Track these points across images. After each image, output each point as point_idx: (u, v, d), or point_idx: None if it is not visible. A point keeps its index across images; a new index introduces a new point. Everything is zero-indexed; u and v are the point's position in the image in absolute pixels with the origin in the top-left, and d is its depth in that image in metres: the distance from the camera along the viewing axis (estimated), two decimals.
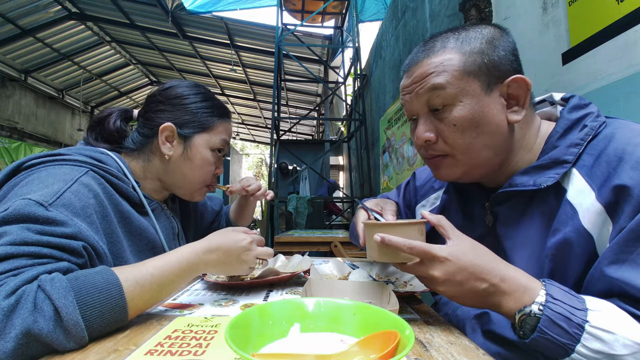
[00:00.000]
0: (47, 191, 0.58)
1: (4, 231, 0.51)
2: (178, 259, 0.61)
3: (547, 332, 0.44)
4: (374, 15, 5.18)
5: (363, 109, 4.73)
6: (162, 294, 0.59)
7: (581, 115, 0.57)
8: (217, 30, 6.94)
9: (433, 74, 0.58)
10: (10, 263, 0.49)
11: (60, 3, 6.46)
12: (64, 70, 8.41)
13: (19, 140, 7.82)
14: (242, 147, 24.02)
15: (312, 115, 10.03)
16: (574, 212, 0.52)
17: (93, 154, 0.73)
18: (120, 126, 0.84)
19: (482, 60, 0.56)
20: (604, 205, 0.50)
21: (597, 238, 0.51)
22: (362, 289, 0.66)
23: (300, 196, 4.81)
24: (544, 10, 1.31)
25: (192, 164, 0.82)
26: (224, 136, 0.87)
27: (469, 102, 0.56)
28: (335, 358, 0.35)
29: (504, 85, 0.57)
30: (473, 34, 0.58)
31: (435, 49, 0.59)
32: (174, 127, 0.80)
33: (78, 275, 0.51)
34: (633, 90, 0.95)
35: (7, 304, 0.44)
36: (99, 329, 0.50)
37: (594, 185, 0.51)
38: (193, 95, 0.84)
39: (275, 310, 0.42)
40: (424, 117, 0.61)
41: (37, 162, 0.66)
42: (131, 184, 0.77)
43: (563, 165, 0.55)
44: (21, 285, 0.47)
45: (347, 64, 5.91)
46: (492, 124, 0.57)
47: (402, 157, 3.30)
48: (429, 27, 2.54)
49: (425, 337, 0.53)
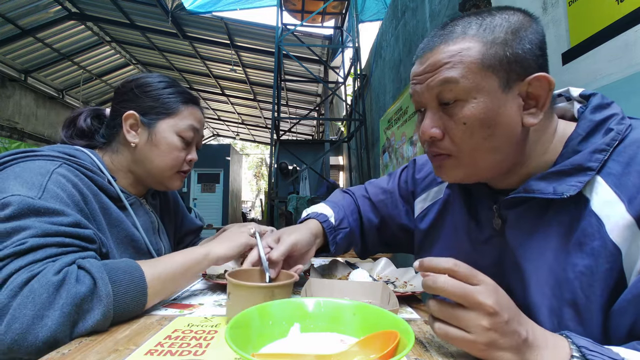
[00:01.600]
0: (30, 186, 0.60)
1: (20, 225, 0.55)
2: (194, 258, 0.68)
3: None
4: (375, 15, 5.18)
5: (363, 109, 4.73)
6: (175, 285, 0.66)
7: (605, 116, 0.52)
8: (217, 30, 6.94)
9: (448, 64, 0.51)
10: (44, 252, 0.54)
11: (60, 3, 6.46)
12: (64, 70, 8.41)
13: (19, 140, 7.81)
14: (242, 147, 24.02)
15: (312, 115, 10.02)
16: (600, 225, 0.48)
17: (66, 150, 0.74)
18: (90, 124, 0.86)
19: (504, 53, 0.50)
20: (636, 217, 0.45)
21: (625, 253, 0.46)
22: (362, 289, 0.66)
23: (300, 196, 4.82)
24: (544, 10, 1.31)
25: (158, 149, 0.82)
26: (191, 121, 0.85)
27: (483, 99, 0.51)
28: (335, 358, 0.35)
29: (524, 83, 0.51)
30: (499, 20, 0.51)
31: (454, 35, 0.52)
32: (136, 114, 0.81)
33: (106, 262, 0.59)
34: (633, 90, 0.95)
35: (57, 279, 0.51)
36: (123, 306, 0.56)
37: (623, 196, 0.47)
38: (156, 82, 0.84)
39: (275, 310, 0.42)
40: (432, 111, 0.55)
41: (9, 159, 0.67)
42: (107, 177, 0.78)
43: (587, 172, 0.49)
44: (65, 266, 0.54)
45: (347, 64, 5.91)
46: (506, 125, 0.51)
47: (401, 157, 3.31)
48: (429, 27, 2.54)
49: (425, 337, 0.53)
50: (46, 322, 0.48)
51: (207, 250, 0.70)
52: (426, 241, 0.79)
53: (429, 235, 0.78)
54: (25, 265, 0.52)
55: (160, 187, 0.88)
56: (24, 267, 0.51)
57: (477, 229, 0.65)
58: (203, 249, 0.70)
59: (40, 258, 0.53)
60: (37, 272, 0.51)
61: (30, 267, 0.52)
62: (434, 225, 0.77)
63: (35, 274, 0.51)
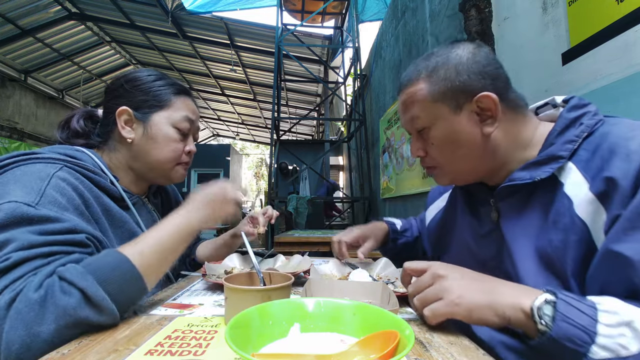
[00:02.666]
0: (28, 191, 0.59)
1: (7, 238, 0.53)
2: (176, 224, 0.66)
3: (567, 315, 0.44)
4: (375, 15, 5.17)
5: (363, 109, 4.73)
6: (168, 258, 0.64)
7: (579, 114, 0.60)
8: (217, 31, 6.94)
9: (410, 105, 0.68)
10: (28, 265, 0.52)
11: (60, 3, 6.47)
12: (64, 71, 8.42)
13: (18, 140, 7.82)
14: (242, 147, 24.02)
15: (312, 115, 10.03)
16: (570, 203, 0.55)
17: (66, 151, 0.73)
18: (83, 125, 0.85)
19: (446, 86, 0.63)
20: (596, 194, 0.52)
21: (592, 226, 0.53)
22: (362, 289, 0.66)
23: (300, 196, 4.81)
24: (544, 10, 1.31)
25: (154, 142, 0.81)
26: (185, 112, 0.84)
27: (441, 124, 0.65)
28: (335, 358, 0.35)
29: (472, 102, 0.63)
30: (441, 61, 0.65)
31: (412, 78, 0.68)
32: (129, 110, 0.80)
33: (89, 262, 0.55)
34: (633, 90, 0.95)
35: (38, 295, 0.49)
36: (125, 302, 0.55)
37: (588, 177, 0.54)
38: (145, 76, 0.84)
39: (275, 310, 0.42)
40: (414, 137, 0.72)
41: (9, 162, 0.65)
42: (109, 178, 0.77)
43: (558, 160, 0.58)
44: (44, 279, 0.51)
45: (347, 64, 5.91)
46: (466, 138, 0.64)
47: (401, 157, 3.31)
48: (429, 27, 2.54)
49: (425, 337, 0.53)
50: (44, 338, 0.48)
51: (195, 223, 0.68)
52: (441, 242, 0.87)
53: (442, 237, 0.86)
54: (9, 284, 0.50)
55: (164, 181, 0.87)
56: (8, 287, 0.50)
57: (478, 224, 0.73)
58: (192, 222, 0.68)
59: (23, 273, 0.51)
60: (19, 290, 0.49)
61: (12, 286, 0.50)
62: (443, 226, 0.86)
63: (17, 293, 0.49)
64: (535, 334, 0.47)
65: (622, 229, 0.48)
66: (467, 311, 0.51)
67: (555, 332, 0.44)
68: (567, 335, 0.44)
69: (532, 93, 1.38)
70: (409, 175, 3.07)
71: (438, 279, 0.55)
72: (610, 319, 0.44)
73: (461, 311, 0.52)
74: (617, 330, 0.43)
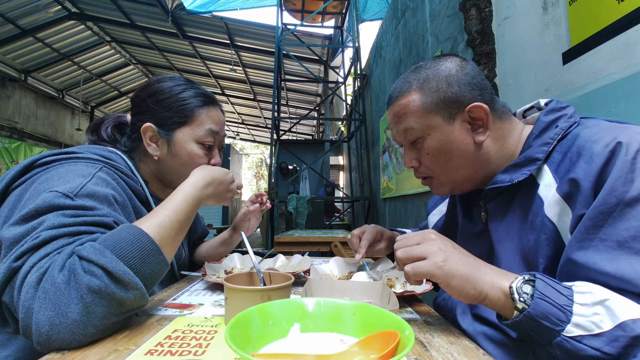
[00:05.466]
0: (70, 185, 0.60)
1: (41, 220, 0.55)
2: (185, 198, 0.67)
3: (544, 294, 0.46)
4: (377, 14, 5.15)
5: (363, 108, 4.73)
6: (182, 230, 0.65)
7: (556, 117, 0.62)
8: (217, 30, 6.93)
9: (403, 116, 0.68)
10: (55, 244, 0.52)
11: (60, 3, 6.46)
12: (64, 70, 8.41)
13: (19, 140, 7.82)
14: (242, 147, 24.02)
15: (312, 115, 10.02)
16: (541, 204, 0.58)
17: (103, 153, 0.75)
18: (111, 133, 0.86)
19: (439, 97, 0.65)
20: (562, 195, 0.55)
21: (560, 226, 0.55)
22: (362, 289, 0.66)
23: (300, 196, 4.81)
24: (544, 9, 1.31)
25: (180, 160, 0.81)
26: (209, 125, 0.83)
27: (435, 134, 0.66)
28: (335, 358, 0.35)
29: (464, 113, 0.65)
30: (431, 73, 0.67)
31: (403, 90, 0.69)
32: (154, 127, 0.80)
33: (106, 237, 0.54)
34: (634, 89, 0.95)
35: (63, 276, 0.49)
36: (150, 276, 0.55)
37: (557, 178, 0.57)
38: (168, 89, 0.82)
39: (275, 310, 0.42)
40: (407, 148, 0.72)
41: (52, 160, 0.68)
42: (139, 182, 0.79)
43: (535, 162, 0.60)
44: (66, 259, 0.51)
45: (347, 64, 5.91)
46: (459, 147, 0.66)
47: (401, 157, 3.31)
48: (429, 26, 2.54)
49: (425, 337, 0.53)
50: (74, 318, 0.47)
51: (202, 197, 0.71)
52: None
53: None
54: (37, 262, 0.50)
55: None
56: (36, 264, 0.50)
57: (470, 225, 0.76)
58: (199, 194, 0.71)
59: (49, 252, 0.51)
60: (45, 269, 0.49)
61: (39, 264, 0.50)
62: (446, 230, 0.87)
63: (43, 272, 0.49)
64: (511, 313, 0.49)
65: (585, 228, 0.50)
66: (447, 276, 0.53)
67: (533, 309, 0.46)
68: (544, 313, 0.46)
69: (532, 93, 1.38)
70: (409, 175, 3.06)
71: (427, 241, 0.57)
72: (586, 299, 0.45)
73: (441, 274, 0.53)
74: (592, 309, 0.45)
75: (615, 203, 0.48)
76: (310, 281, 0.66)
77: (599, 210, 0.49)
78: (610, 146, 0.51)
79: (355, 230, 0.94)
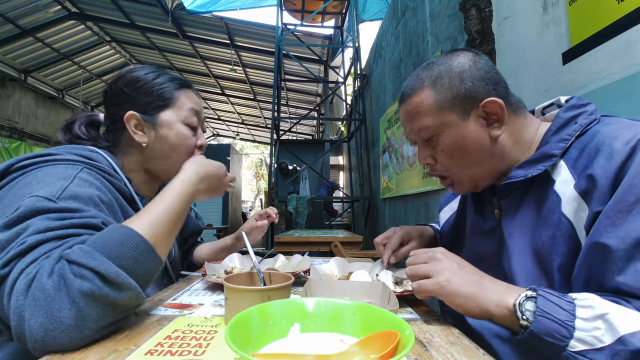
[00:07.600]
0: (50, 189, 0.58)
1: (25, 225, 0.53)
2: (177, 194, 0.66)
3: (546, 311, 0.47)
4: (376, 14, 5.15)
5: (363, 108, 4.73)
6: (175, 227, 0.64)
7: (576, 113, 0.61)
8: (217, 30, 6.93)
9: (417, 115, 0.67)
10: (42, 248, 0.51)
11: (60, 3, 6.46)
12: (63, 70, 8.41)
13: (19, 140, 7.81)
14: (242, 147, 24.01)
15: (312, 115, 10.02)
16: (559, 200, 0.57)
17: (83, 152, 0.72)
18: (85, 131, 0.84)
19: (452, 94, 0.64)
20: (579, 192, 0.54)
21: (576, 223, 0.55)
22: (362, 289, 0.66)
23: (300, 196, 4.81)
24: (544, 9, 1.31)
25: (169, 142, 0.81)
26: (191, 105, 0.84)
27: (450, 131, 0.65)
28: (335, 358, 0.35)
29: (479, 108, 0.64)
30: (444, 69, 0.66)
31: (415, 87, 0.68)
32: (136, 114, 0.79)
33: (94, 239, 0.52)
34: (634, 89, 0.95)
35: (52, 282, 0.47)
36: (144, 275, 0.54)
37: (575, 175, 0.56)
38: (143, 76, 0.82)
39: (275, 310, 0.42)
40: (421, 146, 0.71)
41: (29, 164, 0.65)
42: (123, 180, 0.77)
43: (551, 158, 0.59)
44: (54, 264, 0.49)
45: (347, 63, 5.90)
46: (475, 143, 0.65)
47: (402, 156, 3.30)
48: (429, 26, 2.54)
49: (425, 337, 0.53)
50: (69, 323, 0.46)
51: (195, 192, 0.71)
52: (455, 243, 0.89)
53: (456, 238, 0.88)
54: (25, 268, 0.49)
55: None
56: (24, 271, 0.49)
57: (481, 221, 0.75)
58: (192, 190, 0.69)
59: (36, 257, 0.50)
60: (33, 274, 0.48)
61: (27, 270, 0.49)
62: (457, 227, 0.88)
63: (32, 278, 0.48)
64: (519, 329, 0.50)
65: (603, 226, 0.49)
66: (450, 295, 0.55)
67: (536, 327, 0.47)
68: (547, 330, 0.46)
69: (532, 93, 1.38)
70: (409, 175, 3.06)
71: (433, 260, 0.59)
72: (587, 313, 0.46)
73: (444, 293, 0.55)
74: (592, 324, 0.45)
75: (633, 201, 0.47)
76: (310, 281, 0.66)
77: (616, 207, 0.48)
78: (631, 143, 0.50)
79: (378, 238, 0.91)
